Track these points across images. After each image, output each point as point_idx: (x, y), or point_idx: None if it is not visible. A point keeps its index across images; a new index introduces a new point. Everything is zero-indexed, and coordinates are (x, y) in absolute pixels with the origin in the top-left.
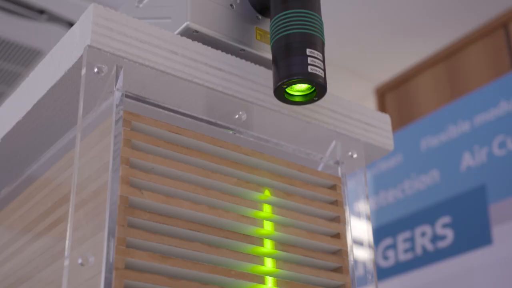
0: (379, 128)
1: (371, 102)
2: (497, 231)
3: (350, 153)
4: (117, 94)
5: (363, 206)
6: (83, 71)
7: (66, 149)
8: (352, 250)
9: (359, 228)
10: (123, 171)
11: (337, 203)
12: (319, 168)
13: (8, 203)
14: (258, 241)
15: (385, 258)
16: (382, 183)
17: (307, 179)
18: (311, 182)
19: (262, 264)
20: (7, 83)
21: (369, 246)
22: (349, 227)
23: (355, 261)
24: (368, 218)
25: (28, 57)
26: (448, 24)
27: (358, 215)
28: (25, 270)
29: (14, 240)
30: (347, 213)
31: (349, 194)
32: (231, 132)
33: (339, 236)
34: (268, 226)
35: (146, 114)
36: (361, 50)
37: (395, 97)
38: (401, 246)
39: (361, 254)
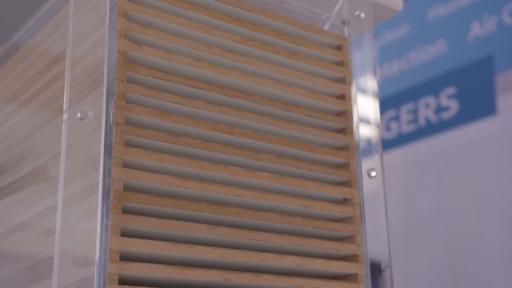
0: None
1: None
2: (503, 101)
3: (357, 13)
4: None
5: (370, 75)
6: None
7: (61, 5)
8: (357, 112)
9: (365, 102)
10: (120, 24)
11: (342, 64)
12: (325, 28)
13: (3, 64)
14: (262, 100)
15: (388, 129)
16: (387, 55)
17: (312, 38)
18: (316, 42)
19: (265, 123)
20: None
21: (375, 114)
22: (354, 89)
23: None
24: (375, 92)
25: None
26: None
27: (364, 88)
28: (25, 129)
29: (12, 101)
30: (352, 74)
31: (355, 67)
32: None
33: (344, 97)
34: (271, 85)
35: None
36: None
37: None
38: (405, 117)
39: (367, 122)
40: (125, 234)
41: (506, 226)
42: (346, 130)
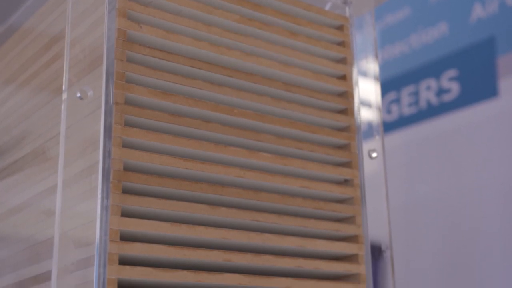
0: None
1: None
2: (504, 83)
3: None
4: None
5: (371, 56)
6: None
7: None
8: (358, 92)
9: (366, 84)
10: (120, 3)
11: (344, 44)
12: (327, 8)
13: (1, 44)
14: (262, 80)
15: (389, 112)
16: (389, 37)
17: (313, 18)
18: (317, 22)
19: (266, 103)
20: None
21: (376, 95)
22: (355, 69)
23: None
24: (376, 74)
25: None
26: None
27: (365, 70)
28: (24, 109)
29: (11, 81)
30: (353, 55)
31: (357, 49)
32: None
33: (345, 77)
34: (272, 66)
35: None
36: None
37: None
38: (405, 100)
39: (368, 104)
40: (125, 214)
41: (507, 208)
42: (347, 110)
